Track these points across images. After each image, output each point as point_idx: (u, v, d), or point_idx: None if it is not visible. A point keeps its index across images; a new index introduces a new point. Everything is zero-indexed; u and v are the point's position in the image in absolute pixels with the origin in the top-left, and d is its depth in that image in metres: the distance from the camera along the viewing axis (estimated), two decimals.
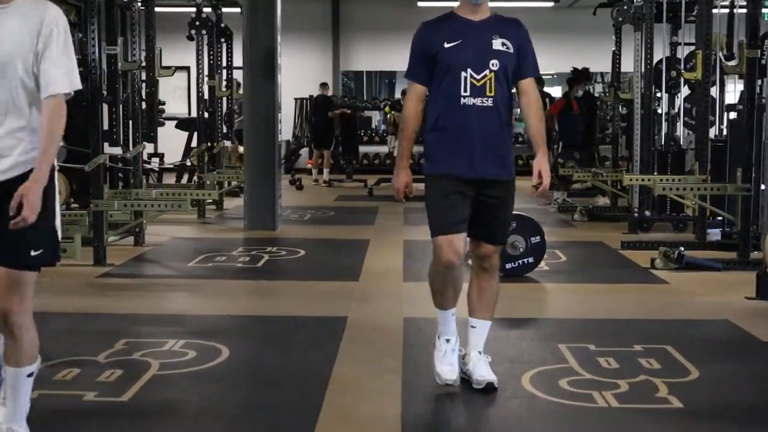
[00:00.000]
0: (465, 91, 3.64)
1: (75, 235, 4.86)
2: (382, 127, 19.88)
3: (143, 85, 8.04)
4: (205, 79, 10.34)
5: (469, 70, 3.65)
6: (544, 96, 13.85)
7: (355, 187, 14.78)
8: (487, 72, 3.65)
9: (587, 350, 4.47)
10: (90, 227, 6.87)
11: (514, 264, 6.55)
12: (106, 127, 7.20)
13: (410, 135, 3.79)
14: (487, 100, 3.65)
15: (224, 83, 11.03)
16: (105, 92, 7.04)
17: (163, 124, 13.72)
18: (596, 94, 17.54)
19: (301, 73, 19.04)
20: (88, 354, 4.37)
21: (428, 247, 8.36)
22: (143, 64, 7.80)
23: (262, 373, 4.23)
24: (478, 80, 3.65)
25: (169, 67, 8.31)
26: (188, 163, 12.90)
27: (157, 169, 13.17)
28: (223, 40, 11.10)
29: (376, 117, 20.55)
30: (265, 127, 9.01)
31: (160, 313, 5.40)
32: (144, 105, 8.40)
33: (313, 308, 5.57)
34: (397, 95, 20.39)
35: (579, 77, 11.98)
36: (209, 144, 10.72)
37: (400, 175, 3.79)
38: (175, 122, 13.58)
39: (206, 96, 10.54)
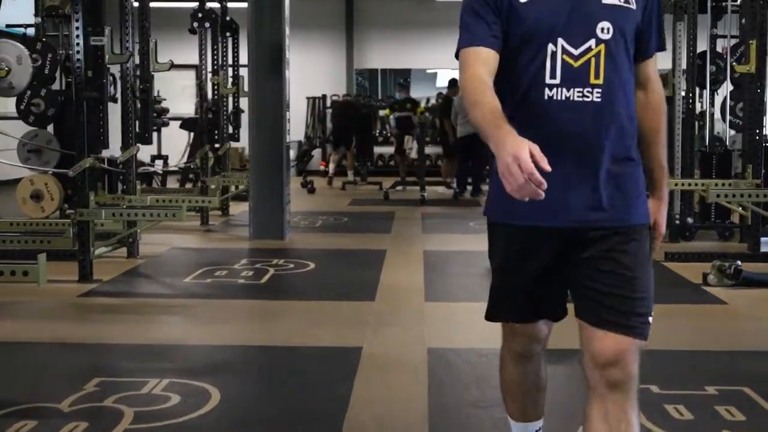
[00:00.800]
0: (553, 76, 2.13)
1: (39, 255, 4.12)
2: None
3: (137, 81, 7.28)
4: (209, 75, 9.60)
5: (560, 41, 2.13)
6: None
7: (369, 190, 14.03)
8: (592, 43, 2.13)
9: (650, 394, 3.70)
10: (74, 239, 6.14)
11: None
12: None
13: (490, 101, 2.00)
14: (593, 93, 2.13)
15: (230, 80, 10.29)
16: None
17: (167, 124, 13.06)
18: None
19: (313, 72, 18.33)
20: (51, 399, 3.63)
21: (451, 259, 7.49)
22: (133, 56, 6.99)
23: (257, 426, 3.48)
24: (576, 58, 2.13)
25: (165, 62, 7.56)
26: (193, 166, 12.19)
27: (160, 172, 12.47)
28: (228, 34, 10.37)
29: (391, 117, 19.83)
30: (271, 128, 8.27)
31: (144, 342, 4.65)
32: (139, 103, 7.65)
33: (321, 336, 4.81)
34: (415, 94, 19.67)
35: None
36: (214, 145, 10.01)
37: (506, 141, 1.82)
38: (179, 122, 12.84)
39: (210, 94, 9.80)
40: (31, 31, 7.81)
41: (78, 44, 6.00)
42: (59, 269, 5.98)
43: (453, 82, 14.37)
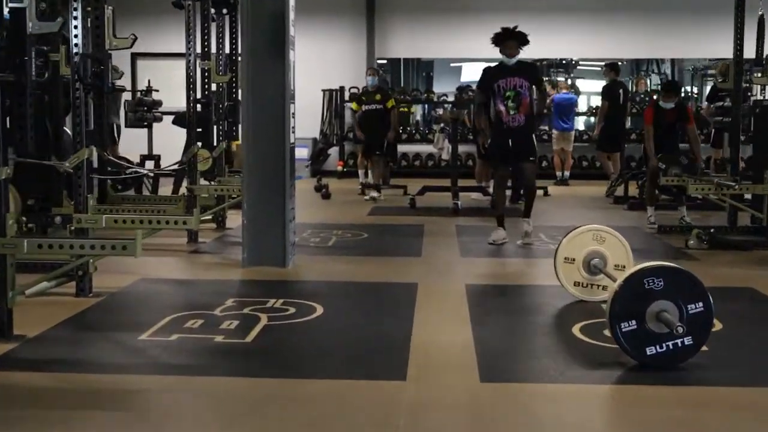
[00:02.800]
0: None
1: None
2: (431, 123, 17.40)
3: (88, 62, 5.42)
4: (197, 60, 7.79)
5: None
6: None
7: (393, 195, 12.19)
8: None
9: None
10: None
11: (661, 348, 3.98)
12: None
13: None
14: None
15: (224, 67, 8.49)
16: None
17: (159, 119, 11.30)
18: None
19: (330, 62, 16.52)
20: None
21: (505, 301, 5.47)
22: (66, 24, 4.97)
23: None
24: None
25: (126, 37, 5.78)
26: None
27: (152, 175, 10.70)
28: (225, 11, 8.57)
29: (418, 111, 18.02)
30: (270, 124, 6.49)
31: None
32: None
33: None
34: (438, 89, 17.82)
35: None
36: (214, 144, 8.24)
37: None
38: (172, 117, 11.06)
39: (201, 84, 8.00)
40: None
41: None
42: None
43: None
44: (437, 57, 17.84)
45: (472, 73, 16.58)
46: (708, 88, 15.47)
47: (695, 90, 18.81)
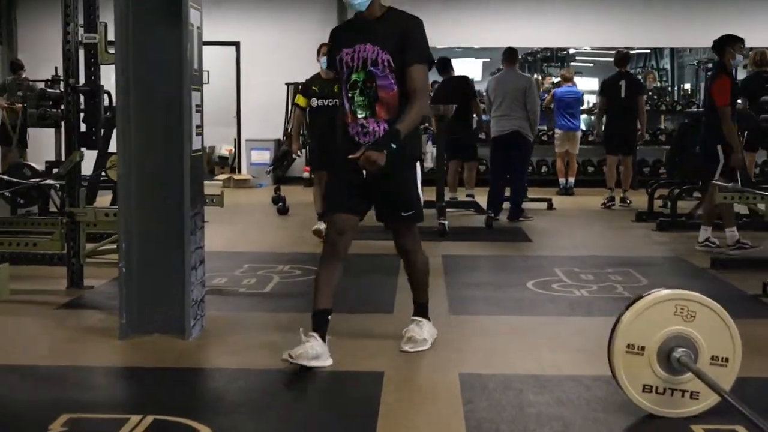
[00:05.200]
0: None
1: None
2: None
3: None
4: (80, 31, 5.50)
5: None
6: None
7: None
8: None
9: None
10: None
11: None
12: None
13: None
14: None
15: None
16: None
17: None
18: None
19: (297, 52, 14.20)
20: None
21: (527, 405, 2.31)
22: None
23: None
24: None
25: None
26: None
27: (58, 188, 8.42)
28: None
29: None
30: (160, 125, 4.26)
31: None
32: None
33: None
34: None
35: (730, 41, 7.18)
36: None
37: None
38: None
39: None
40: None
41: None
42: None
43: (445, 62, 10.52)
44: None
45: (463, 67, 14.32)
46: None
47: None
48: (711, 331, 3.21)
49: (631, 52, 12.54)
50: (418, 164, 4.11)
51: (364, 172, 3.84)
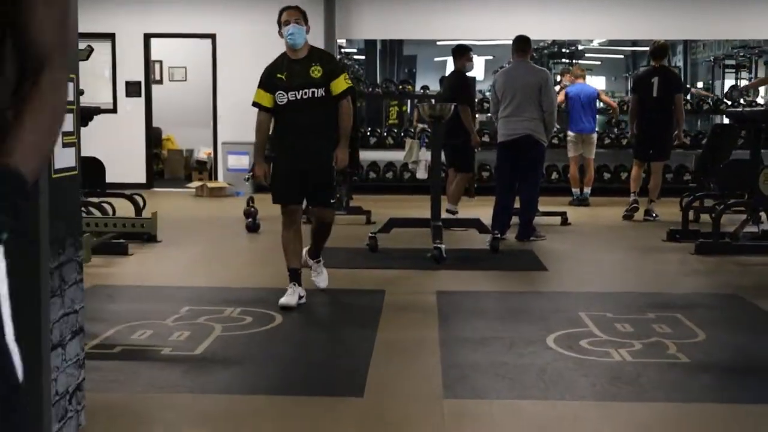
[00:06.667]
0: None
1: None
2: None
3: None
4: None
5: None
6: None
7: (351, 225, 8.47)
8: None
9: None
10: None
11: None
12: None
13: None
14: None
15: None
16: None
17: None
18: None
19: (278, 45, 12.71)
20: None
21: None
22: None
23: None
24: None
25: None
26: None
27: None
28: None
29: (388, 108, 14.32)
30: None
31: None
32: None
33: None
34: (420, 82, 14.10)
35: None
36: None
37: None
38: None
39: None
40: None
41: None
42: None
43: (462, 50, 8.91)
44: (411, 38, 14.24)
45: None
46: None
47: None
48: None
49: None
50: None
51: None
